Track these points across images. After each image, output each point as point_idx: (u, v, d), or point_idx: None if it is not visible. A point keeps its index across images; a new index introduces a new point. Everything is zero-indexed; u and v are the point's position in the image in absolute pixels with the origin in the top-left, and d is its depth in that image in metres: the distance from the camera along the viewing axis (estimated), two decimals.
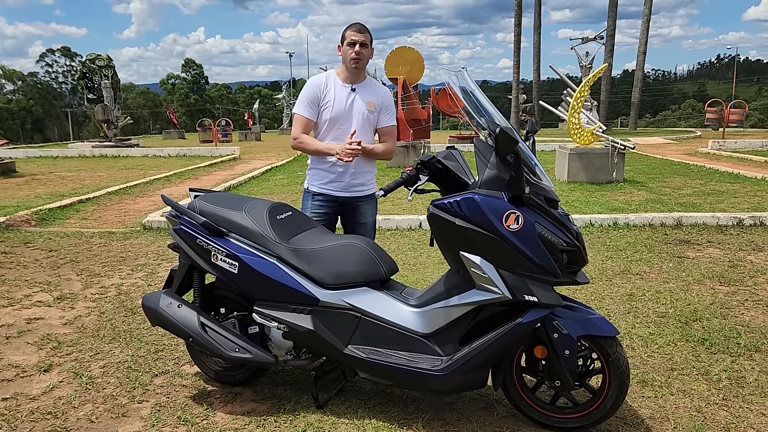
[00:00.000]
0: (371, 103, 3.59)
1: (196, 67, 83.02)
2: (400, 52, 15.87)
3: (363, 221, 3.73)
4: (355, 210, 3.71)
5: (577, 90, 10.56)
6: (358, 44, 3.46)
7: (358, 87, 3.60)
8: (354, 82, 3.60)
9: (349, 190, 3.64)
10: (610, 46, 28.21)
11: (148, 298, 3.26)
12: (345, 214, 3.74)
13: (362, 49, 3.47)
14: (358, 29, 3.49)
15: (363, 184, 3.68)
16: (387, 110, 3.69)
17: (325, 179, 3.64)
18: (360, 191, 3.68)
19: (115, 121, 22.49)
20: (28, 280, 5.38)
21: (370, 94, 3.62)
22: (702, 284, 4.99)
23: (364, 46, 3.48)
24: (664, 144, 20.64)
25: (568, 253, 2.62)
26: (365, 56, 3.51)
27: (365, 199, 3.71)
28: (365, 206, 3.72)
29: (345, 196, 3.65)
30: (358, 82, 3.61)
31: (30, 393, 3.31)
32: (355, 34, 3.47)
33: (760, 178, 10.72)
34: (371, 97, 3.61)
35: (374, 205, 3.78)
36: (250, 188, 11.04)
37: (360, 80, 3.62)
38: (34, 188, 11.42)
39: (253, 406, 3.15)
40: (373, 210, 3.78)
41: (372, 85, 3.69)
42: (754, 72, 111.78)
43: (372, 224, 3.78)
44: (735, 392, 3.19)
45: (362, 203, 3.71)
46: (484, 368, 2.76)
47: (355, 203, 3.69)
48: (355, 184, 3.65)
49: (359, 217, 3.72)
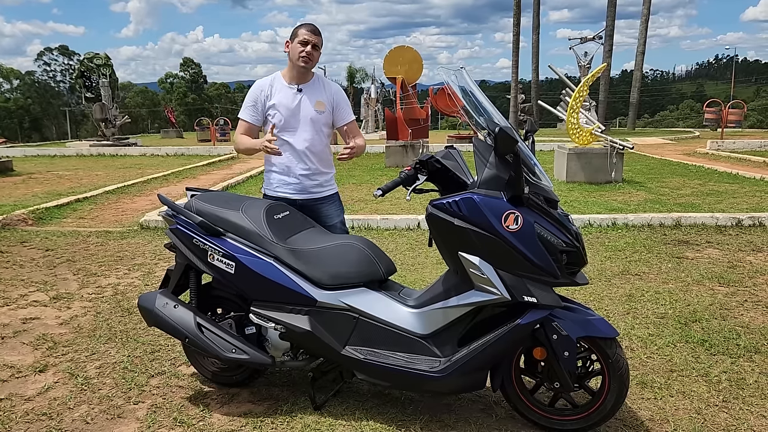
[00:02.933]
0: (320, 102, 3.48)
1: (194, 66, 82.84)
2: (399, 51, 15.84)
3: (329, 223, 3.59)
4: (317, 212, 3.57)
5: (576, 90, 10.54)
6: (310, 44, 3.37)
7: (305, 87, 3.48)
8: (300, 82, 3.48)
9: (305, 192, 3.54)
10: (608, 46, 28.20)
11: (145, 299, 3.24)
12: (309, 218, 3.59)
13: (313, 50, 3.38)
14: (312, 30, 3.39)
15: (320, 185, 3.57)
16: (340, 107, 3.56)
17: (279, 182, 3.55)
18: (318, 192, 3.57)
19: (113, 120, 22.45)
20: (24, 280, 5.35)
21: (318, 94, 3.50)
22: (701, 285, 4.98)
23: (316, 48, 3.39)
24: (662, 144, 20.65)
25: (567, 253, 2.60)
26: (315, 58, 3.41)
27: (325, 201, 3.60)
28: (327, 207, 3.61)
29: (303, 199, 3.54)
30: (304, 82, 3.49)
31: (25, 394, 3.28)
32: (308, 34, 3.37)
33: (758, 179, 10.72)
34: (319, 97, 3.49)
35: (338, 205, 3.68)
36: (248, 188, 11.02)
37: (307, 80, 3.50)
38: (32, 187, 11.39)
39: (250, 407, 3.13)
40: (338, 210, 3.67)
41: (320, 84, 3.55)
42: (753, 72, 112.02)
43: (340, 224, 3.66)
44: (735, 394, 3.18)
45: (323, 205, 3.59)
46: (483, 370, 2.75)
47: (315, 206, 3.57)
48: (310, 186, 3.53)
49: (324, 219, 3.58)
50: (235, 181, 11.58)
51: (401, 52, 15.81)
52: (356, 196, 9.59)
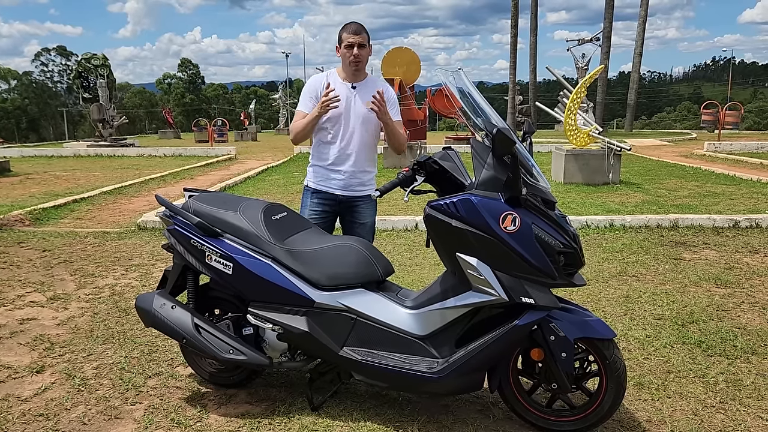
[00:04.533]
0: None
1: (192, 66, 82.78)
2: (397, 52, 15.85)
3: (362, 221, 3.70)
4: (353, 210, 3.69)
5: (574, 91, 10.56)
6: (355, 46, 3.46)
7: (358, 85, 3.59)
8: (354, 80, 3.60)
9: (348, 189, 3.63)
10: (606, 48, 28.26)
11: (142, 299, 3.23)
12: (343, 214, 3.71)
13: (360, 50, 3.48)
14: (354, 30, 3.48)
15: (363, 184, 3.66)
16: (391, 106, 3.64)
17: (324, 176, 3.64)
18: (359, 191, 3.65)
19: (110, 120, 22.42)
20: (21, 280, 5.34)
21: (371, 93, 3.55)
22: (698, 286, 4.99)
23: (362, 47, 3.48)
24: (660, 146, 20.68)
25: (565, 254, 2.60)
26: (364, 57, 3.51)
27: (364, 199, 3.68)
28: (364, 206, 3.70)
29: (344, 195, 3.63)
30: (358, 80, 3.61)
31: (22, 394, 3.27)
32: (351, 36, 3.47)
33: (755, 180, 10.74)
34: (372, 95, 3.55)
35: (374, 205, 3.76)
36: (246, 188, 11.01)
37: (360, 79, 3.62)
38: (29, 188, 11.37)
39: (248, 408, 3.12)
40: (373, 211, 3.76)
41: (373, 83, 3.66)
42: (750, 74, 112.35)
43: (371, 225, 3.75)
44: (732, 395, 3.18)
45: (361, 203, 3.68)
46: (481, 371, 2.75)
47: (353, 203, 3.67)
48: (354, 183, 3.63)
49: (358, 217, 3.70)
50: (232, 182, 11.57)
51: (399, 54, 15.81)
52: None
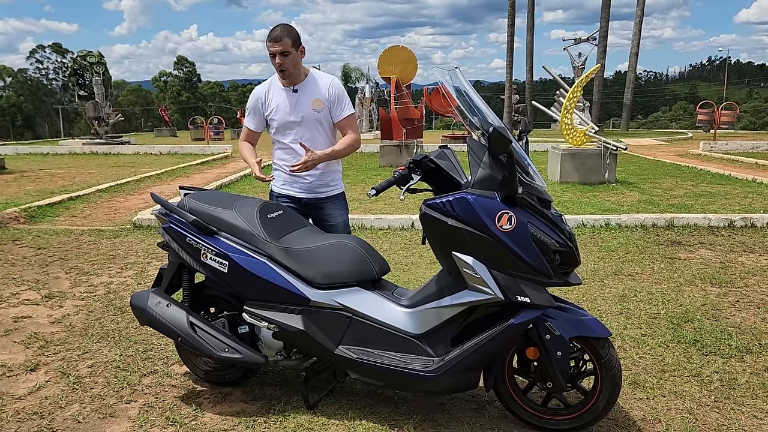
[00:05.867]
0: (317, 101, 3.43)
1: (188, 64, 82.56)
2: (393, 51, 15.86)
3: (331, 222, 3.60)
4: (321, 212, 3.59)
5: (570, 91, 10.57)
6: (277, 55, 3.29)
7: (300, 87, 3.44)
8: (294, 83, 3.44)
9: (312, 192, 3.54)
10: (602, 48, 28.30)
11: (137, 297, 3.22)
12: (313, 217, 3.60)
13: (283, 58, 3.30)
14: (274, 38, 3.28)
15: (326, 185, 3.57)
16: (338, 102, 3.48)
17: (285, 181, 3.56)
18: (324, 192, 3.56)
19: (106, 118, 22.33)
20: (15, 278, 5.32)
21: (315, 92, 3.45)
22: (693, 285, 5.00)
23: (285, 55, 3.29)
24: (655, 145, 20.73)
25: (560, 253, 2.61)
26: (289, 64, 3.32)
27: (330, 200, 3.59)
28: (331, 207, 3.60)
29: (308, 198, 3.54)
30: (298, 82, 3.45)
31: (16, 393, 3.26)
32: (272, 44, 3.29)
33: (750, 180, 10.77)
34: (316, 95, 3.44)
35: (342, 205, 3.67)
36: (242, 187, 10.99)
37: (300, 81, 3.45)
38: (24, 185, 11.32)
39: (243, 406, 3.12)
40: (342, 210, 3.66)
41: (316, 81, 3.48)
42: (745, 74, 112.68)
43: (343, 225, 3.64)
44: (726, 394, 3.19)
45: (327, 204, 3.59)
46: (476, 369, 2.75)
47: (320, 204, 3.58)
48: (317, 185, 3.54)
49: (327, 219, 3.59)
50: (228, 180, 11.55)
51: (396, 52, 15.82)
52: (350, 196, 9.52)
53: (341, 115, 3.51)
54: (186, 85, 79.65)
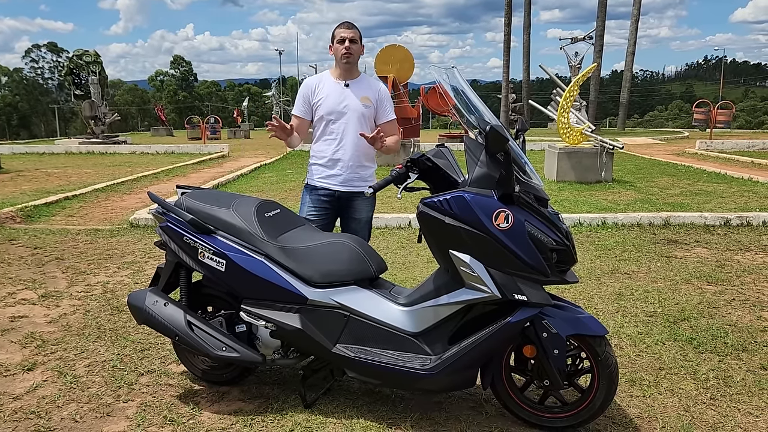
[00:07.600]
0: (366, 98, 3.61)
1: (184, 63, 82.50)
2: (390, 50, 15.85)
3: (357, 216, 3.72)
4: (350, 205, 3.71)
5: (567, 90, 10.59)
6: (347, 40, 3.51)
7: (351, 83, 3.63)
8: (347, 78, 3.62)
9: (347, 185, 3.65)
10: (599, 47, 28.34)
11: (134, 297, 3.22)
12: (341, 210, 3.74)
13: (352, 45, 3.52)
14: (347, 26, 3.56)
15: (362, 179, 3.68)
16: (384, 105, 3.69)
17: (324, 174, 3.67)
18: (358, 186, 3.66)
19: (102, 117, 22.31)
20: (12, 278, 5.30)
21: (365, 90, 3.64)
22: (690, 284, 5.01)
23: (354, 42, 3.53)
24: (652, 144, 20.78)
25: (557, 252, 2.61)
26: (355, 51, 3.55)
27: (362, 195, 3.69)
28: (361, 202, 3.71)
29: (342, 191, 3.65)
30: (351, 78, 3.63)
31: (13, 392, 3.26)
32: (344, 30, 3.54)
33: (746, 179, 10.81)
34: (366, 93, 3.62)
35: (371, 201, 3.77)
36: (239, 186, 10.98)
37: (353, 77, 3.65)
38: (20, 185, 11.29)
39: (240, 405, 3.12)
40: (369, 206, 3.77)
41: (366, 81, 3.70)
42: (741, 73, 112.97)
43: (367, 221, 3.77)
44: (722, 391, 3.20)
45: (358, 198, 3.70)
46: (473, 367, 2.75)
47: (351, 198, 3.69)
48: (353, 179, 3.65)
49: (354, 213, 3.72)
50: (225, 180, 11.54)
51: (392, 51, 15.82)
52: None
53: (386, 117, 3.70)
54: (182, 84, 79.57)
